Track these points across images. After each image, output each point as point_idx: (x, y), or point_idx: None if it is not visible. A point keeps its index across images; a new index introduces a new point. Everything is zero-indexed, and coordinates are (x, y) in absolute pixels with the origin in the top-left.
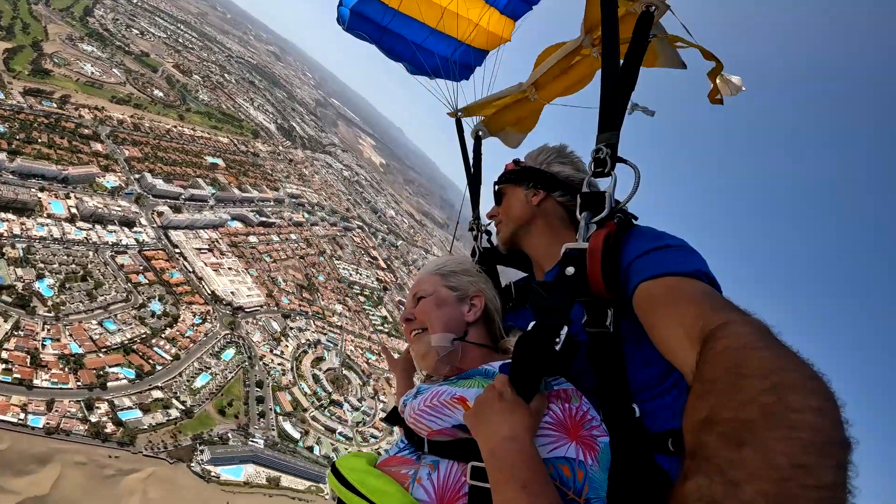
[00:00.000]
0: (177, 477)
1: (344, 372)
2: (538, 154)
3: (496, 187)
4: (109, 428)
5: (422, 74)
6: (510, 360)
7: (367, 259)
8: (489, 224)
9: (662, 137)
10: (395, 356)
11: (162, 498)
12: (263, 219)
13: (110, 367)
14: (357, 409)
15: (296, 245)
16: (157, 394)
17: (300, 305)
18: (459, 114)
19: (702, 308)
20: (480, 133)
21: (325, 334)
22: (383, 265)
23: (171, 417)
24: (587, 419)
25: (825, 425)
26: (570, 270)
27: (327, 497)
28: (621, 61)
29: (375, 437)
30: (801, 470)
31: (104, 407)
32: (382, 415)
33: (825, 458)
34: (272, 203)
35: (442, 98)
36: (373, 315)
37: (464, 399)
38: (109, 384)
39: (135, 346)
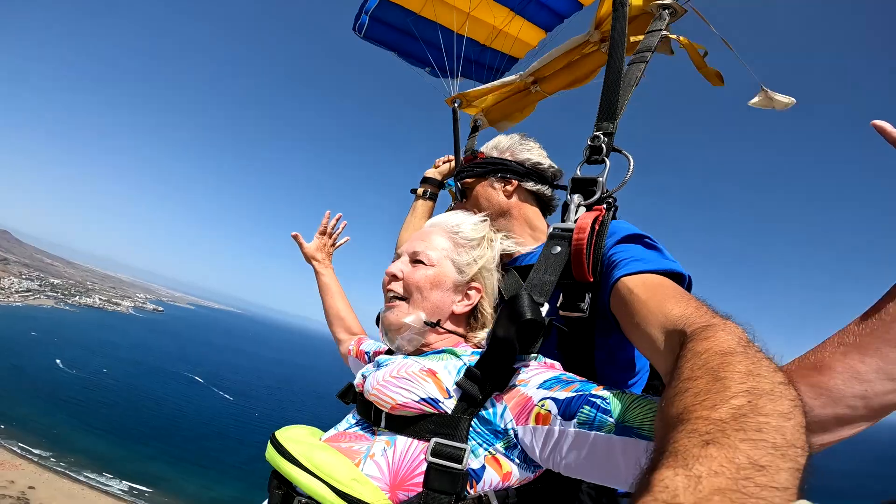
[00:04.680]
0: None
1: None
2: (498, 144)
3: (459, 183)
4: None
5: (443, 77)
6: (483, 350)
7: None
8: None
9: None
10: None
11: None
12: None
13: None
14: None
15: None
16: None
17: None
18: (457, 103)
19: (685, 309)
20: (479, 123)
21: None
22: None
23: None
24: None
25: (788, 429)
26: (557, 249)
27: None
28: (627, 58)
29: None
30: (759, 470)
31: None
32: None
33: (783, 461)
34: None
35: (440, 86)
36: None
37: (433, 371)
38: None
39: None
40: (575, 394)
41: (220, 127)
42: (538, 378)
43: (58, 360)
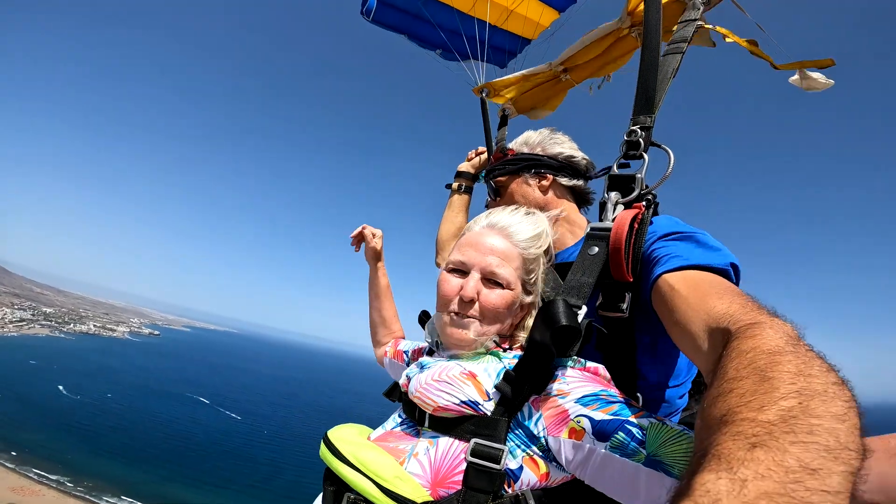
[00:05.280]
0: None
1: None
2: (528, 139)
3: (492, 182)
4: None
5: (454, 60)
6: (521, 354)
7: None
8: None
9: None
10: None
11: None
12: None
13: None
14: None
15: None
16: None
17: None
18: (484, 92)
19: (730, 306)
20: (507, 112)
21: None
22: None
23: None
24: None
25: (842, 431)
26: (595, 250)
27: None
28: (663, 45)
29: None
30: (810, 473)
31: None
32: None
33: (835, 464)
34: None
35: (465, 75)
36: None
37: (473, 374)
38: None
39: None
40: (612, 417)
41: (205, 145)
42: (578, 391)
43: (60, 387)
